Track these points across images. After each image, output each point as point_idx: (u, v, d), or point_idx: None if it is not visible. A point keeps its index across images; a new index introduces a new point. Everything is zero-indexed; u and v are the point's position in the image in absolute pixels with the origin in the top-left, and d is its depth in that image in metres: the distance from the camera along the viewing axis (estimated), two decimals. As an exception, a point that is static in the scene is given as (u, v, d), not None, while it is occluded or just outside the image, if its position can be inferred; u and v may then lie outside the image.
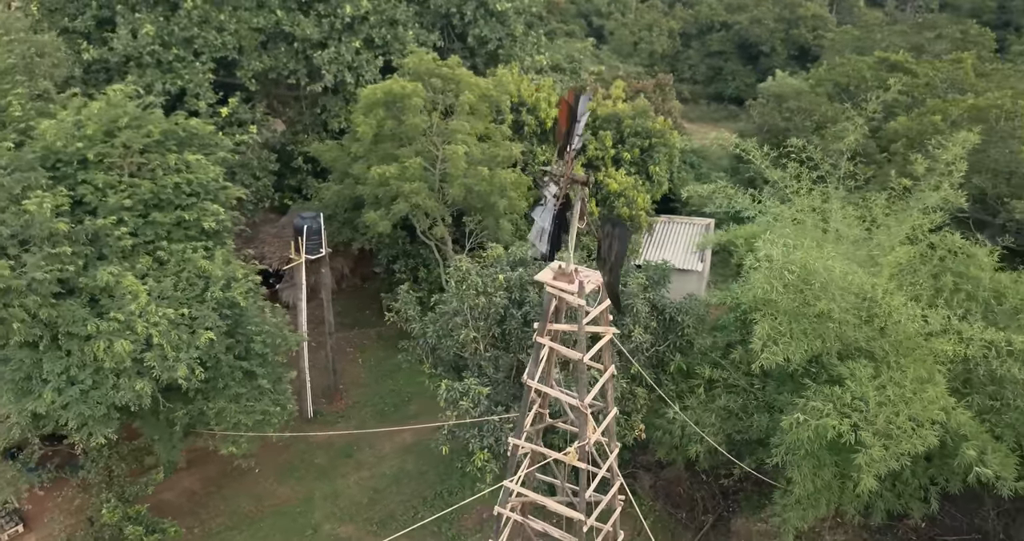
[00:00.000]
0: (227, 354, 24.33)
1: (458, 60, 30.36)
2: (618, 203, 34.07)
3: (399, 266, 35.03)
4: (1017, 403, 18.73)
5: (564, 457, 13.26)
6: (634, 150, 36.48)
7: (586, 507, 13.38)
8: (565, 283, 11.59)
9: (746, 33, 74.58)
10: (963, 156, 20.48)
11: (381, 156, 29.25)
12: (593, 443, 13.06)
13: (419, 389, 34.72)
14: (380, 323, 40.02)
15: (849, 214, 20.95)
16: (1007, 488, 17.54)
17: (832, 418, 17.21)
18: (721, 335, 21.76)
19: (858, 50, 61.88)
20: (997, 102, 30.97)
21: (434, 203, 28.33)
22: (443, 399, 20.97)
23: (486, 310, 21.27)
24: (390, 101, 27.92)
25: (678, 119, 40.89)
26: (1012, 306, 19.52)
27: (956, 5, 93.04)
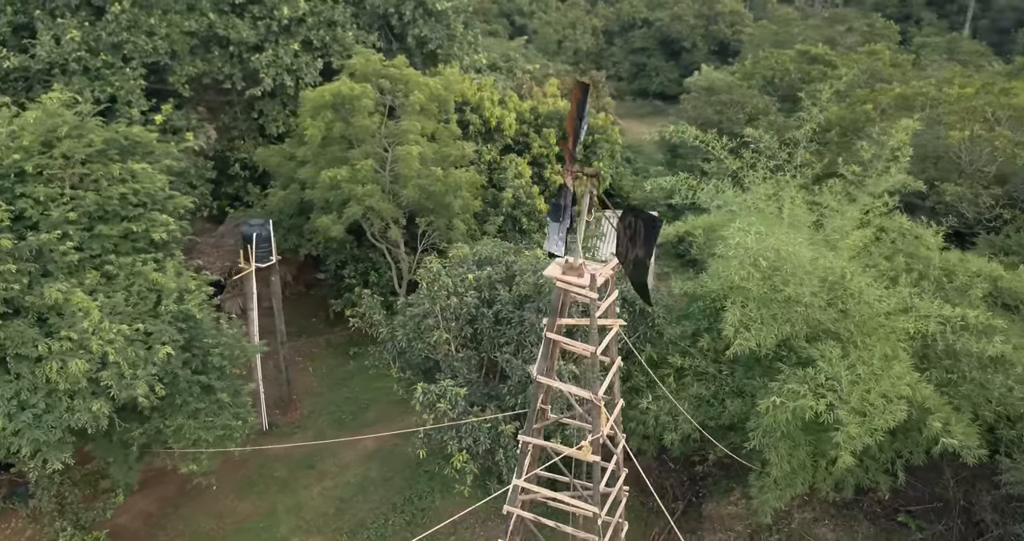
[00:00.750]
0: (184, 369, 23.54)
1: (405, 60, 30.05)
2: (567, 199, 34.29)
3: (348, 271, 34.46)
4: (973, 375, 19.67)
5: (578, 452, 13.32)
6: (578, 146, 36.77)
7: (601, 500, 13.47)
8: (575, 277, 11.69)
9: (667, 29, 76.17)
10: (908, 142, 21.38)
11: (329, 159, 28.72)
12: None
13: (376, 395, 34.33)
14: (328, 330, 39.44)
15: (806, 201, 21.63)
16: (971, 456, 18.40)
17: (808, 399, 17.72)
18: (689, 323, 22.16)
19: (776, 44, 63.97)
20: (923, 90, 32.48)
21: (388, 205, 27.97)
22: (419, 402, 20.73)
23: (457, 310, 21.14)
24: (338, 103, 27.42)
25: (612, 115, 41.43)
26: (962, 283, 20.49)
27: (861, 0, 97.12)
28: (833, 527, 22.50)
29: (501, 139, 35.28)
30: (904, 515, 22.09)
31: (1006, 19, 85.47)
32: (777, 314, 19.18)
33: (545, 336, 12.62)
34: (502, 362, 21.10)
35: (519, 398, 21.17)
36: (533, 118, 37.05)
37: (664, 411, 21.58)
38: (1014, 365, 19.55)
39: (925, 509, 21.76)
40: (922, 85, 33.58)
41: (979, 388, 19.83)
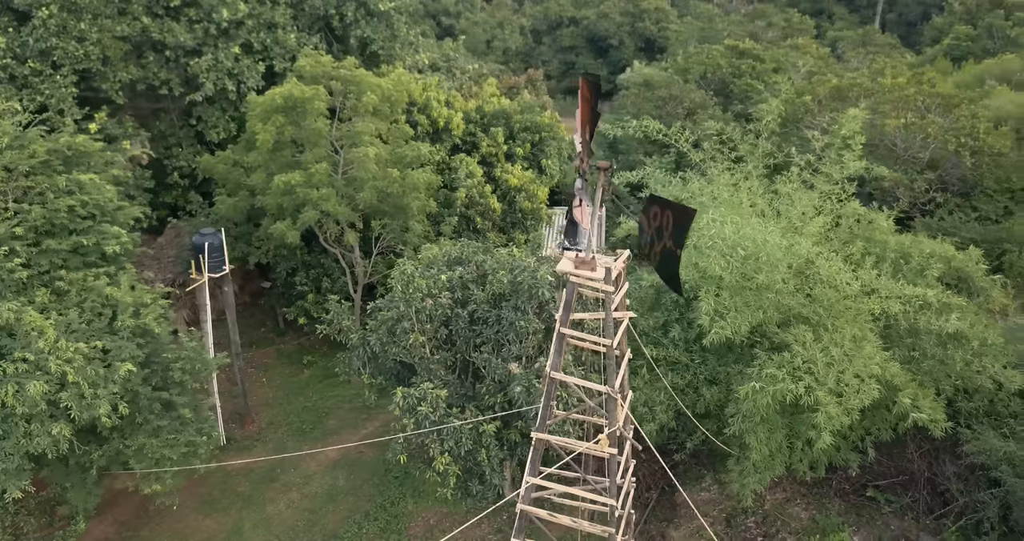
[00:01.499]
0: (144, 386, 22.72)
1: (355, 61, 29.59)
2: (519, 197, 34.41)
3: (300, 278, 33.74)
4: (934, 352, 20.52)
5: (595, 446, 13.36)
6: (525, 145, 36.94)
7: (617, 492, 13.56)
8: (587, 271, 11.74)
9: (595, 27, 77.05)
10: (860, 130, 22.17)
11: (281, 164, 28.09)
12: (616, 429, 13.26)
13: (335, 403, 33.76)
14: (279, 340, 38.58)
15: (768, 190, 22.19)
16: (938, 430, 19.21)
17: (787, 382, 18.19)
18: (660, 315, 22.47)
19: (703, 40, 65.49)
20: (857, 82, 33.72)
21: (344, 209, 27.50)
22: (398, 406, 20.44)
23: (432, 312, 20.94)
24: (290, 106, 26.81)
25: (552, 112, 41.72)
26: (917, 264, 21.36)
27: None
28: (805, 506, 23.16)
29: (449, 139, 35.11)
30: (872, 490, 22.89)
31: (912, 13, 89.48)
32: (750, 301, 19.64)
33: (558, 331, 12.63)
34: (480, 362, 20.98)
35: (498, 397, 21.09)
36: (479, 117, 36.98)
37: (640, 402, 21.83)
38: (970, 340, 20.47)
39: (891, 483, 22.59)
40: (856, 76, 34.90)
41: (939, 364, 20.69)
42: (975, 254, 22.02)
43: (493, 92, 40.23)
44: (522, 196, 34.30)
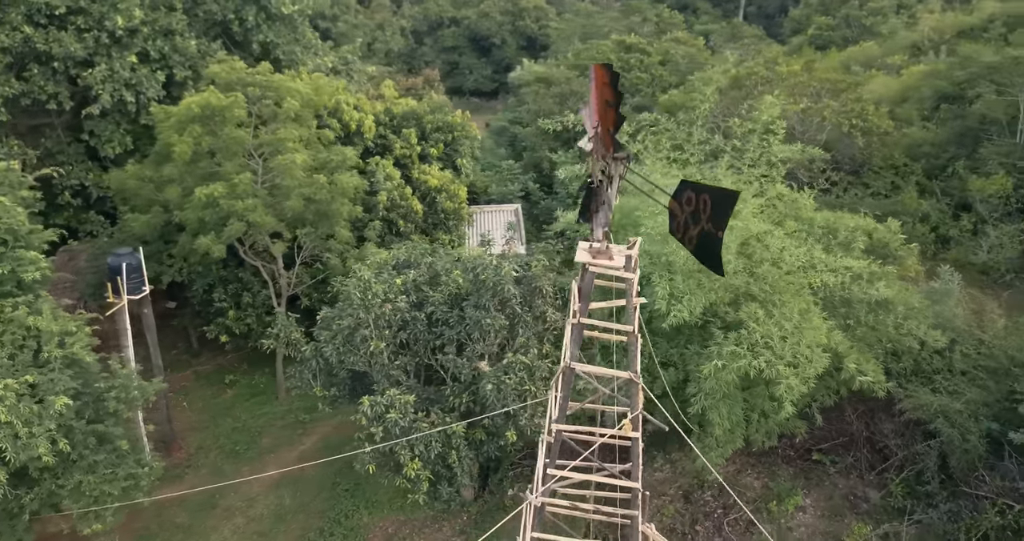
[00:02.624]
0: (78, 419, 21.31)
1: (269, 67, 28.60)
2: (440, 198, 34.24)
3: (218, 295, 32.32)
4: (866, 320, 21.96)
5: (619, 432, 13.57)
6: (439, 145, 36.78)
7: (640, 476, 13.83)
8: (605, 260, 11.95)
9: (476, 27, 77.44)
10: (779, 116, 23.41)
11: (199, 176, 26.84)
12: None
13: (266, 421, 32.59)
14: (195, 362, 36.87)
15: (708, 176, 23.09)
16: (881, 390, 20.61)
17: (747, 358, 19.04)
18: (612, 304, 22.93)
19: (585, 36, 67.05)
20: (754, 70, 35.51)
21: (271, 219, 26.60)
22: (365, 415, 20.02)
23: (390, 318, 20.61)
24: (207, 115, 25.66)
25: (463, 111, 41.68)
26: (844, 238, 22.78)
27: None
28: (757, 475, 24.26)
29: (361, 143, 34.48)
30: (817, 453, 24.26)
31: (771, 6, 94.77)
32: (703, 283, 20.41)
33: (578, 322, 12.77)
34: (445, 364, 20.82)
35: (463, 397, 21.02)
36: (388, 119, 36.53)
37: (600, 390, 22.22)
38: (896, 306, 22.02)
39: (834, 445, 24.01)
40: (752, 65, 36.74)
41: (871, 330, 22.17)
42: (894, 225, 23.70)
43: (393, 94, 39.85)
44: (443, 196, 34.15)
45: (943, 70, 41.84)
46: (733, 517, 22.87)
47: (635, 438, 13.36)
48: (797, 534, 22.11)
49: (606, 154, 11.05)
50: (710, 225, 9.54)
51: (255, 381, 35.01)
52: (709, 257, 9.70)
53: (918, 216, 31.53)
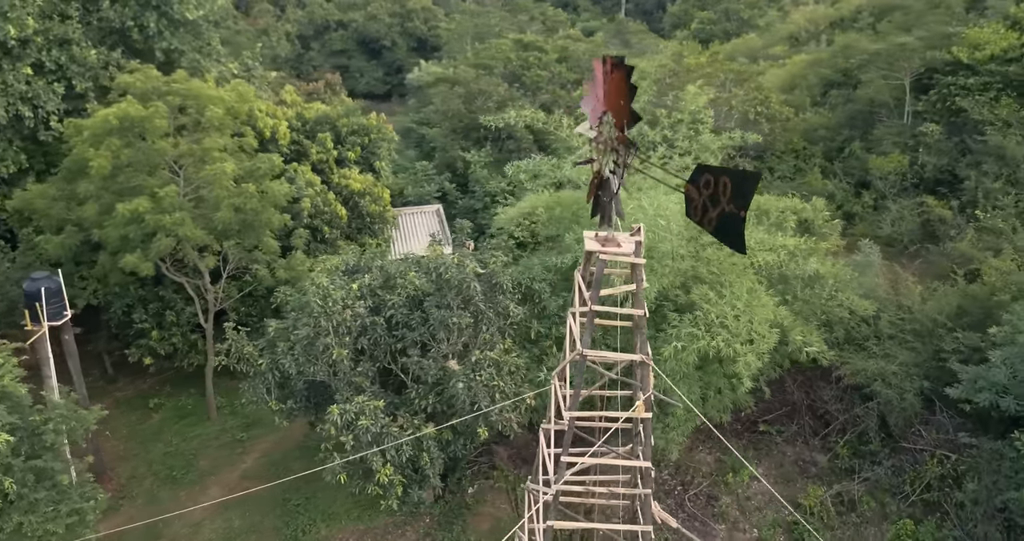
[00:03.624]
0: (15, 457, 19.96)
1: (185, 74, 27.43)
2: (364, 201, 33.78)
3: (138, 316, 30.78)
4: (802, 294, 23.26)
5: (634, 414, 13.87)
6: (356, 149, 36.26)
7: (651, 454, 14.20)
8: (614, 247, 12.25)
9: (364, 30, 76.39)
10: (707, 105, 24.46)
11: (119, 191, 25.53)
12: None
13: (200, 443, 31.31)
14: (112, 388, 34.97)
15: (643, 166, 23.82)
16: (825, 359, 21.90)
17: (706, 339, 19.85)
18: (568, 295, 23.37)
19: (478, 36, 67.29)
20: (664, 63, 36.81)
21: (201, 232, 25.61)
22: (335, 425, 19.63)
23: (350, 324, 20.28)
24: (126, 127, 24.42)
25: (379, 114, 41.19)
26: (776, 219, 24.03)
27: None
28: (709, 450, 25.25)
29: (276, 149, 33.60)
30: (764, 425, 25.46)
31: (649, 2, 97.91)
32: (655, 268, 21.09)
33: (591, 309, 13.00)
34: (409, 366, 20.65)
35: (430, 398, 20.93)
36: (301, 125, 35.74)
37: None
38: (827, 279, 23.43)
39: (778, 415, 25.28)
40: (661, 59, 38.03)
41: (806, 304, 23.49)
42: (819, 204, 25.17)
43: (296, 99, 39.00)
44: (367, 200, 33.70)
45: (826, 59, 44.58)
46: (693, 492, 23.72)
47: (647, 418, 13.76)
48: (755, 502, 23.20)
49: (617, 145, 11.37)
50: (731, 206, 10.00)
51: (182, 403, 33.52)
52: (731, 236, 10.16)
53: (824, 195, 33.50)
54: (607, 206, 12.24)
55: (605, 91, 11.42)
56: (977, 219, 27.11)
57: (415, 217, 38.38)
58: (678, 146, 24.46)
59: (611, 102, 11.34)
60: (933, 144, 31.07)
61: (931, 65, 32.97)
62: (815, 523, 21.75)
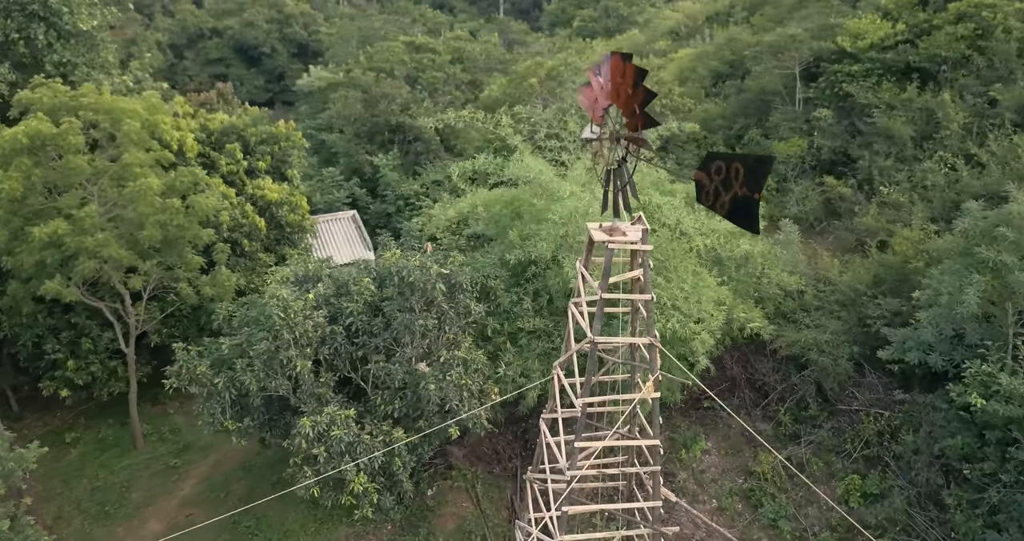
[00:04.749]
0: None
1: (92, 87, 25.94)
2: (282, 211, 33.00)
3: (50, 346, 28.94)
4: (737, 275, 24.54)
5: (645, 394, 14.29)
6: (266, 158, 35.33)
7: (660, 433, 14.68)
8: (621, 236, 12.65)
9: (242, 37, 74.15)
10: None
11: (30, 214, 24.01)
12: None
13: (129, 474, 29.83)
14: (20, 426, 32.65)
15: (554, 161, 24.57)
16: (767, 333, 23.22)
17: (661, 320, 20.70)
18: (518, 289, 23.73)
19: (364, 40, 66.63)
20: (567, 61, 37.73)
21: (126, 253, 24.41)
22: (305, 439, 19.24)
23: (311, 334, 19.92)
24: (37, 146, 22.95)
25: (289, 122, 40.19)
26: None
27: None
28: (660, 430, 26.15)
29: (184, 163, 32.33)
30: (707, 401, 26.63)
31: (524, 2, 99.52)
32: (605, 258, 21.77)
33: (600, 297, 13.36)
34: (376, 372, 20.45)
35: (396, 404, 20.82)
36: (206, 136, 34.50)
37: (518, 374, 23.06)
38: (756, 259, 24.83)
39: (719, 391, 26.48)
40: (564, 56, 38.92)
41: (740, 283, 24.81)
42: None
43: (187, 110, 37.63)
44: (285, 210, 32.95)
45: (712, 52, 46.83)
46: (650, 472, 24.57)
47: (655, 397, 14.32)
48: (710, 474, 24.31)
49: (627, 137, 11.84)
50: (744, 189, 10.64)
51: (102, 434, 31.76)
52: (745, 218, 10.81)
53: (730, 181, 35.33)
54: (616, 198, 12.70)
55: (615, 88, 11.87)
56: (877, 194, 29.35)
57: (331, 224, 37.77)
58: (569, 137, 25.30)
59: (621, 98, 11.80)
60: (826, 128, 33.32)
61: (818, 54, 35.33)
62: (769, 487, 23.07)
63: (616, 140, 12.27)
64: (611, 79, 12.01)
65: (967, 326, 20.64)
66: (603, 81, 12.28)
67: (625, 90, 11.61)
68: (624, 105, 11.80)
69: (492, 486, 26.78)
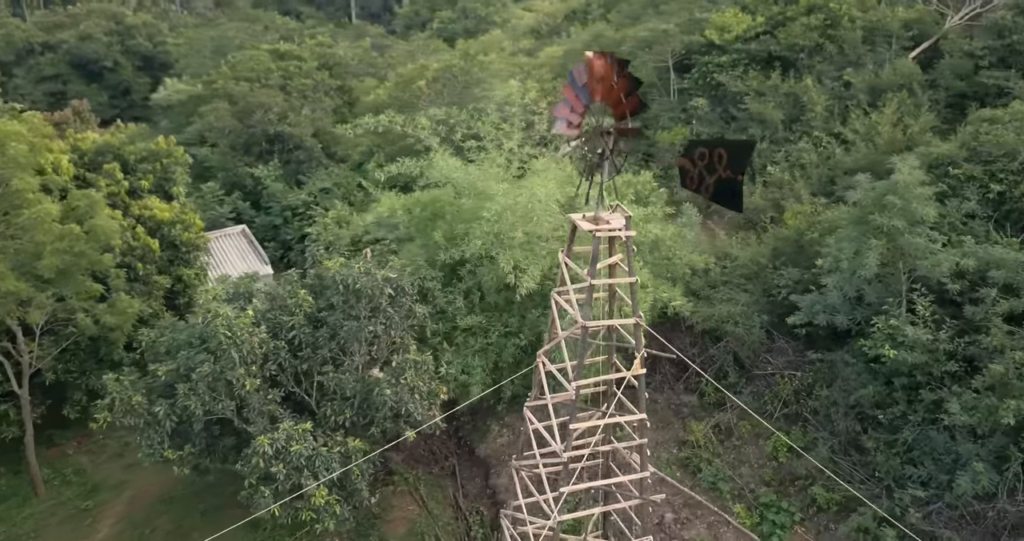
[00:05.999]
0: None
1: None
2: (175, 230, 31.61)
3: (-74, 397, 26.51)
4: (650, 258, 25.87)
5: (634, 372, 14.91)
6: (148, 177, 33.68)
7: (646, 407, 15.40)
8: (604, 225, 13.24)
9: (79, 51, 69.44)
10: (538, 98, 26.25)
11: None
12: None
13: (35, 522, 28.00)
14: None
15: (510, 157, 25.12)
16: (686, 311, 24.70)
17: (598, 305, 21.64)
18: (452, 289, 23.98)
19: (219, 50, 64.19)
20: (453, 62, 38.14)
21: (25, 285, 22.79)
22: (262, 458, 18.77)
23: (256, 351, 19.43)
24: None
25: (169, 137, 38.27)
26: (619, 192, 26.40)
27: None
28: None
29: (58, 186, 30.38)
30: (632, 380, 27.87)
31: (374, 5, 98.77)
32: (537, 251, 22.53)
33: (589, 283, 13.91)
34: (327, 383, 20.14)
35: (347, 413, 20.63)
36: (79, 157, 32.50)
37: (458, 371, 23.42)
38: (666, 242, 26.29)
39: (644, 370, 27.81)
40: (449, 57, 39.25)
41: (654, 266, 26.16)
42: (648, 176, 28.00)
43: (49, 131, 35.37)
44: (178, 228, 31.62)
45: (580, 49, 48.55)
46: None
47: (641, 375, 15.11)
48: (646, 449, 25.51)
49: (619, 128, 12.56)
50: (727, 172, 11.60)
51: (-8, 485, 29.39)
52: (729, 198, 11.79)
53: (617, 171, 36.99)
54: (600, 188, 13.36)
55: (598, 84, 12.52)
56: (759, 175, 31.67)
57: (222, 241, 36.47)
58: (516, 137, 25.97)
59: (608, 94, 12.46)
60: (703, 116, 35.53)
61: (689, 47, 37.54)
62: (704, 453, 24.56)
63: (602, 134, 12.95)
64: (593, 76, 12.67)
65: (866, 288, 22.83)
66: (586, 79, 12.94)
67: (609, 82, 12.30)
68: (611, 97, 12.50)
69: (435, 487, 26.93)
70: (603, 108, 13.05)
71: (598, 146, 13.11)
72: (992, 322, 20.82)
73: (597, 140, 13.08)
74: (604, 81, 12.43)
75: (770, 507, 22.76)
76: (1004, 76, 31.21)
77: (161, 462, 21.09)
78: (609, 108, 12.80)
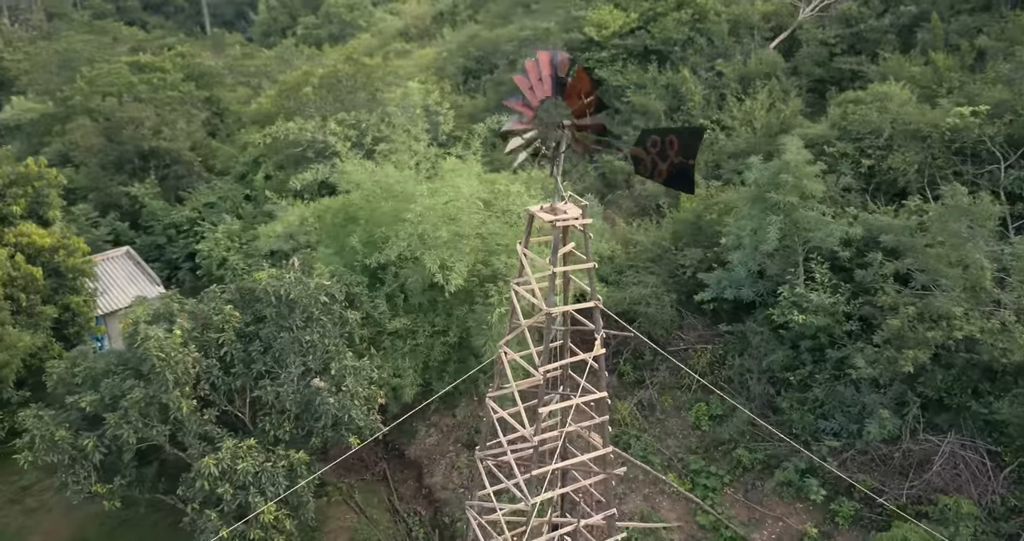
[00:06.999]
0: None
1: None
2: (59, 256, 29.81)
3: None
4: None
5: (595, 353, 15.39)
6: (20, 201, 31.59)
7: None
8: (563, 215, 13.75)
9: None
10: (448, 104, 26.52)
11: None
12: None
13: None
14: None
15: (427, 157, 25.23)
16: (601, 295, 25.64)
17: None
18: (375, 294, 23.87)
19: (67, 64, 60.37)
20: (338, 68, 37.75)
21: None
22: (207, 479, 18.22)
23: (190, 372, 18.81)
24: None
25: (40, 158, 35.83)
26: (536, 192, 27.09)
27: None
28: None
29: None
30: (553, 369, 28.64)
31: (227, 13, 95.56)
32: (462, 248, 22.88)
33: (552, 271, 14.34)
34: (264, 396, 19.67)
35: (286, 425, 20.29)
36: (-71, 184, 30.18)
37: (389, 375, 23.46)
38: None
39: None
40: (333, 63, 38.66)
41: (566, 255, 27.02)
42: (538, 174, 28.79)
43: None
44: (62, 254, 29.87)
45: (456, 49, 49.04)
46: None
47: (600, 355, 15.76)
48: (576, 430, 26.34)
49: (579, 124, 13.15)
50: (680, 158, 12.42)
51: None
52: (681, 182, 12.62)
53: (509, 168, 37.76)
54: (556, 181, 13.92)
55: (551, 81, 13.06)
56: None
57: (106, 264, 34.54)
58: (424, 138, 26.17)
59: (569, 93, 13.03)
60: (588, 110, 36.82)
61: (569, 44, 38.68)
62: (631, 430, 25.65)
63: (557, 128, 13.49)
64: (548, 73, 13.20)
65: (767, 261, 24.55)
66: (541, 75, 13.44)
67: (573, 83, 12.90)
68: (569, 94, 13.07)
69: (369, 493, 26.77)
70: (556, 103, 13.62)
71: (552, 139, 13.66)
72: (882, 283, 22.94)
73: (552, 133, 13.62)
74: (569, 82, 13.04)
75: (700, 473, 24.12)
76: (856, 61, 34.12)
77: (86, 498, 19.96)
78: (566, 104, 13.37)
